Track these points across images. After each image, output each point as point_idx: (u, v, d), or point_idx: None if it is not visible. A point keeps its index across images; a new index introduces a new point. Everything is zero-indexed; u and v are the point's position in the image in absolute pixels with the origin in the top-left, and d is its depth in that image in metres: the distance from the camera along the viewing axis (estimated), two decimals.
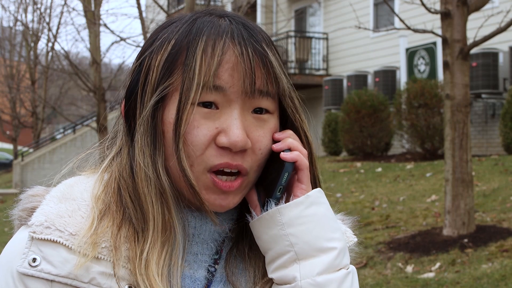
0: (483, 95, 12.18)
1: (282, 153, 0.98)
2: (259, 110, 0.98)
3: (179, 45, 0.96)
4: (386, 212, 8.37)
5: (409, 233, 7.20)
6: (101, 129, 11.99)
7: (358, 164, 12.54)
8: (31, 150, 25.25)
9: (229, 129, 0.94)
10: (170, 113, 0.95)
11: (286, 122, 1.03)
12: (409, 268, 6.21)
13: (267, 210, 0.98)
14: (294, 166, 0.99)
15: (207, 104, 0.95)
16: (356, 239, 1.12)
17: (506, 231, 6.53)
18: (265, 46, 0.98)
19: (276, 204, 0.98)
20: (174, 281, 0.96)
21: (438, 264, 6.12)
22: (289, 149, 0.99)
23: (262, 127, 0.98)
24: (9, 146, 43.15)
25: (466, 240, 6.44)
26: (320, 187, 1.04)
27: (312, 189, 1.01)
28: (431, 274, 5.95)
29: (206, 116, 0.95)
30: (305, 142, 1.03)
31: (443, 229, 6.81)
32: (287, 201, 0.99)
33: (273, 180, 0.99)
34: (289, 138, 1.00)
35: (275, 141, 1.00)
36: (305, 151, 1.01)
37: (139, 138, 0.96)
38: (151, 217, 0.95)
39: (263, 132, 0.98)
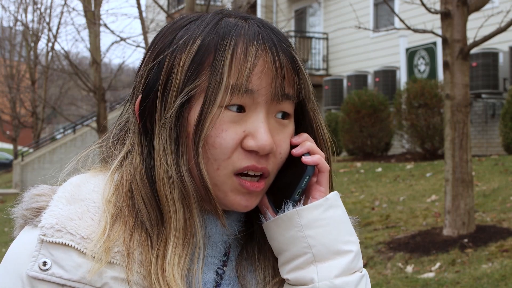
0: (483, 95, 12.18)
1: (303, 157, 0.98)
2: (282, 115, 0.99)
3: (206, 46, 0.95)
4: (386, 212, 8.37)
5: (409, 233, 7.20)
6: (101, 129, 12.00)
7: (358, 164, 12.54)
8: (31, 150, 25.23)
9: (257, 132, 0.94)
10: (196, 115, 0.94)
11: (301, 126, 1.04)
12: (409, 268, 6.21)
13: (283, 211, 0.98)
14: (315, 169, 0.99)
15: (236, 107, 0.94)
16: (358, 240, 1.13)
17: (506, 231, 6.53)
18: (293, 51, 0.99)
19: (293, 206, 0.98)
20: (195, 283, 0.96)
21: (438, 264, 6.12)
22: (308, 153, 0.99)
23: (282, 131, 0.99)
24: (9, 146, 43.16)
25: (466, 240, 6.44)
26: (333, 188, 1.04)
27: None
28: (431, 274, 5.95)
29: (234, 119, 0.94)
30: (324, 144, 1.04)
31: (443, 229, 6.81)
32: (305, 203, 0.99)
33: (290, 182, 0.99)
34: (307, 142, 1.00)
35: (292, 145, 1.00)
36: (323, 153, 1.01)
37: (162, 138, 0.95)
38: (172, 220, 0.94)
39: (283, 137, 0.99)
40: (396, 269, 6.29)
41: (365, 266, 6.47)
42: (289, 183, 0.99)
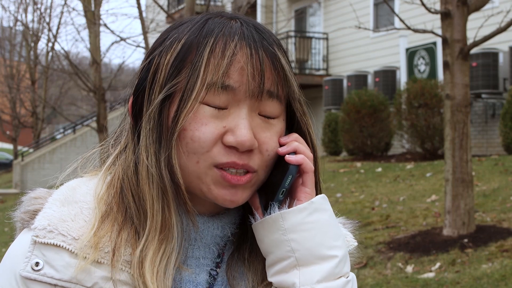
0: (483, 95, 12.18)
1: (287, 155, 0.98)
2: (267, 115, 0.98)
3: (189, 44, 0.96)
4: (386, 212, 8.37)
5: (409, 233, 7.20)
6: (101, 129, 11.99)
7: (358, 164, 12.54)
8: (31, 150, 25.25)
9: (237, 128, 0.94)
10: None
11: (292, 126, 1.03)
12: (409, 268, 6.21)
13: (270, 213, 0.98)
14: (299, 169, 0.98)
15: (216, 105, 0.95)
16: (356, 243, 1.12)
17: (506, 231, 6.53)
18: (276, 49, 0.98)
19: (279, 208, 0.98)
20: (167, 281, 0.95)
21: (438, 264, 6.12)
22: (295, 153, 0.99)
23: (269, 129, 0.98)
24: (9, 146, 43.14)
25: (466, 240, 6.44)
26: (321, 191, 1.04)
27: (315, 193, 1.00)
28: (431, 274, 5.95)
29: (214, 114, 0.95)
30: (311, 146, 1.03)
31: (443, 229, 6.81)
32: (290, 205, 0.98)
33: (276, 182, 0.98)
34: (295, 142, 1.00)
35: (281, 145, 1.00)
36: (310, 155, 1.00)
37: (145, 135, 0.96)
38: (149, 215, 0.95)
39: (270, 134, 0.98)
40: (396, 269, 6.29)
41: (365, 266, 6.47)
42: (275, 183, 0.99)
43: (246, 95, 0.95)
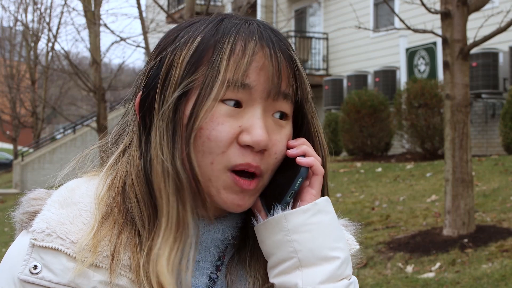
0: (483, 95, 12.18)
1: (298, 157, 0.98)
2: (279, 115, 0.99)
3: (206, 42, 0.96)
4: (386, 212, 8.37)
5: (409, 233, 7.20)
6: (101, 129, 11.99)
7: (358, 164, 12.54)
8: (31, 150, 25.26)
9: (253, 128, 0.94)
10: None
11: (299, 130, 1.04)
12: (409, 268, 6.21)
13: (273, 214, 0.97)
14: (309, 172, 0.99)
15: (232, 102, 0.95)
16: (358, 247, 1.11)
17: (506, 231, 6.53)
18: (292, 51, 1.00)
19: (283, 209, 0.97)
20: (184, 277, 0.95)
21: (438, 264, 6.12)
22: (304, 155, 0.99)
23: (279, 132, 0.99)
24: (9, 146, 43.15)
25: (466, 240, 6.44)
26: (328, 195, 1.04)
27: (320, 196, 1.00)
28: (431, 274, 5.95)
29: (230, 114, 0.95)
30: (320, 149, 1.04)
31: (443, 229, 6.81)
32: (293, 207, 0.98)
33: (284, 185, 0.98)
34: (304, 145, 1.00)
35: (289, 148, 1.00)
36: (319, 158, 1.01)
37: (159, 132, 0.95)
38: (165, 213, 0.93)
39: (280, 137, 0.98)
40: (396, 269, 6.29)
41: (365, 266, 6.47)
42: (282, 185, 0.99)
43: (262, 95, 0.96)
